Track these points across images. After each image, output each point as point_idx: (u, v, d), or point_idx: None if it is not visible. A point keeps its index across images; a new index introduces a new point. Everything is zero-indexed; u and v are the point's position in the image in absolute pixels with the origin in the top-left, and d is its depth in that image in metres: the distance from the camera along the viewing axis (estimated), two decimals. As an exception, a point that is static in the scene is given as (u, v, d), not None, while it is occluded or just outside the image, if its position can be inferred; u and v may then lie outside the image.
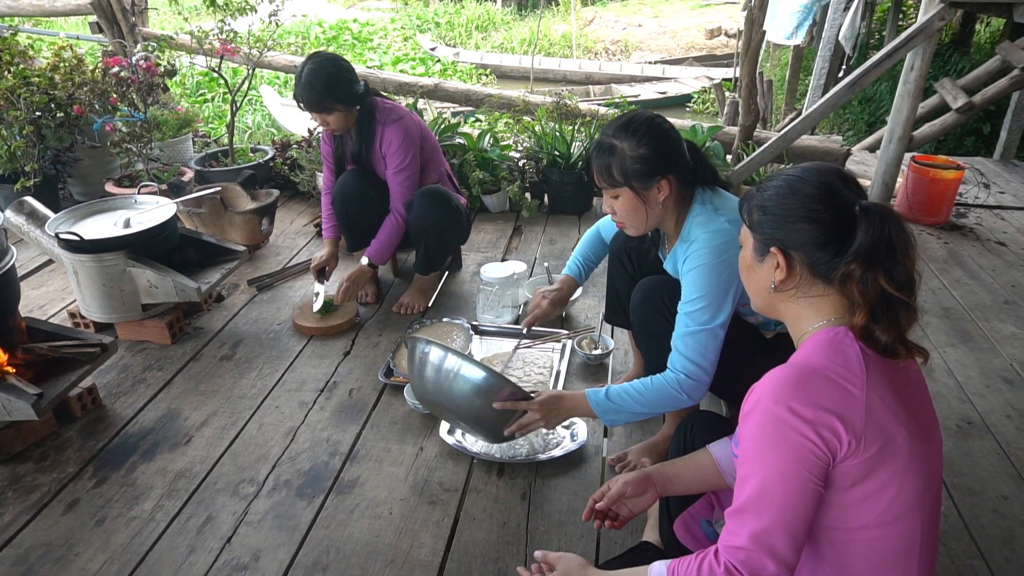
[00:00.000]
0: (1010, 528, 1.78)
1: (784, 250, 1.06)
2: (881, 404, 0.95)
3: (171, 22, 10.96)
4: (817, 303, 1.06)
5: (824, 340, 1.02)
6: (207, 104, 7.75)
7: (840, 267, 1.00)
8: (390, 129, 2.59)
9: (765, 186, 1.11)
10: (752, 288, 1.17)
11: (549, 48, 14.44)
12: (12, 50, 3.54)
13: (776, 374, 1.00)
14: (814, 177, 1.06)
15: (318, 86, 2.41)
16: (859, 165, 4.77)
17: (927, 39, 3.22)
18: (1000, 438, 2.11)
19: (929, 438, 1.02)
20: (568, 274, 2.16)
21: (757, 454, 0.98)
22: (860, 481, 0.96)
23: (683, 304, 1.59)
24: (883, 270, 0.98)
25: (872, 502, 0.97)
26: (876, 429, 0.94)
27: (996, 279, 3.15)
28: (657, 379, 1.59)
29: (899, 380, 1.01)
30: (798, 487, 0.95)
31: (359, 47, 12.93)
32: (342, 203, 2.72)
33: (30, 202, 2.63)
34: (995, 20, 8.07)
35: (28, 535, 1.74)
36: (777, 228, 1.07)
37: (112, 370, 2.42)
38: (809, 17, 6.34)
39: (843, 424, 0.93)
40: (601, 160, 1.60)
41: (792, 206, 1.05)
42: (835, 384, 0.96)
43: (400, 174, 2.61)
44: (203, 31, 3.75)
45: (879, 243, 0.98)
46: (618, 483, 1.32)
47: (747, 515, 0.97)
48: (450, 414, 1.75)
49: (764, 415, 0.97)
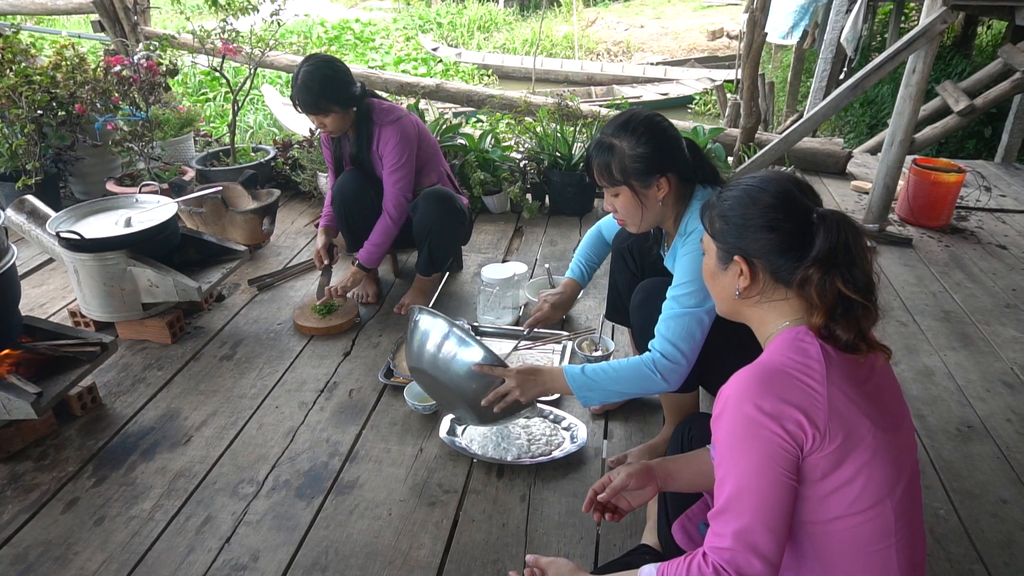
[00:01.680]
0: (1009, 532, 1.77)
1: (747, 258, 1.10)
2: (843, 397, 0.99)
3: (173, 21, 10.98)
4: (779, 306, 1.10)
5: (785, 340, 1.06)
6: (209, 103, 7.75)
7: (799, 271, 1.05)
8: (387, 129, 2.58)
9: (725, 195, 1.15)
10: (717, 294, 1.21)
11: (551, 49, 14.45)
12: (14, 48, 3.54)
13: (741, 375, 1.04)
14: (771, 187, 1.10)
15: (314, 88, 2.41)
16: (860, 167, 4.77)
17: (929, 42, 3.22)
18: (1000, 442, 2.11)
19: (897, 427, 1.05)
20: (571, 277, 2.17)
21: (730, 455, 1.02)
22: (829, 473, 0.99)
23: (672, 288, 1.61)
24: (840, 273, 1.02)
25: (842, 492, 1.00)
26: (839, 421, 0.98)
27: (997, 282, 3.15)
28: (634, 359, 1.60)
29: (861, 374, 1.05)
30: (771, 482, 0.98)
31: (361, 47, 12.94)
32: (341, 203, 2.72)
33: (31, 201, 2.63)
34: (997, 23, 8.07)
35: (27, 534, 1.74)
36: (739, 237, 1.10)
37: (112, 369, 2.42)
38: (805, 17, 6.34)
39: (806, 417, 0.97)
40: (601, 159, 1.61)
41: (752, 215, 1.09)
42: (796, 380, 1.00)
43: (395, 174, 2.60)
44: (205, 30, 3.76)
45: (836, 248, 1.02)
46: (621, 475, 1.32)
47: (728, 515, 1.00)
48: (435, 384, 1.77)
49: (732, 415, 1.02)
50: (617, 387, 1.59)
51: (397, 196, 2.62)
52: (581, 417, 2.14)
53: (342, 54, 11.86)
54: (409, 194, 2.66)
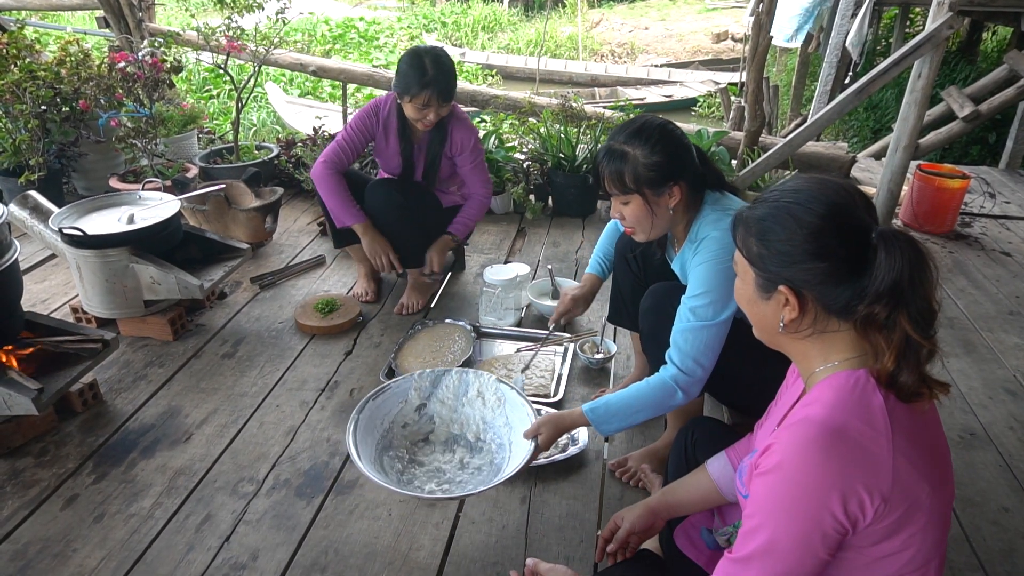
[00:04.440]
0: (1011, 541, 1.77)
1: (795, 289, 0.96)
2: (907, 464, 0.89)
3: (178, 18, 10.99)
4: (828, 340, 0.98)
5: (845, 387, 0.93)
6: (212, 100, 7.75)
7: (860, 308, 0.92)
8: (463, 131, 2.66)
9: (761, 213, 0.99)
10: (756, 322, 1.07)
11: (555, 50, 14.45)
12: (19, 44, 3.54)
13: (800, 435, 0.91)
14: (818, 204, 0.94)
15: (452, 76, 2.47)
16: (864, 172, 4.76)
17: (935, 47, 3.21)
18: (1003, 450, 2.10)
19: (946, 481, 0.97)
20: (591, 272, 2.18)
21: (774, 514, 0.92)
22: (881, 541, 0.92)
23: (687, 298, 1.59)
24: (907, 311, 0.89)
25: (892, 559, 0.93)
26: (902, 493, 0.89)
27: (1000, 289, 3.14)
28: (652, 380, 1.59)
29: (920, 427, 0.94)
30: (809, 555, 0.91)
31: (365, 46, 12.92)
32: (384, 213, 2.66)
33: (34, 196, 2.63)
34: (1002, 29, 8.06)
35: (26, 530, 1.74)
36: (783, 265, 0.96)
37: (113, 366, 2.42)
38: (810, 21, 6.33)
39: (870, 495, 0.88)
40: (613, 167, 1.59)
41: (797, 241, 0.94)
42: (862, 448, 0.88)
43: (479, 166, 2.74)
44: (210, 27, 3.75)
45: (901, 281, 0.88)
46: (625, 525, 1.32)
47: (751, 567, 0.94)
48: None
49: (788, 480, 0.91)
50: (638, 414, 1.58)
51: (484, 178, 2.77)
52: (582, 420, 2.14)
53: (346, 53, 11.86)
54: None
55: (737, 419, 2.01)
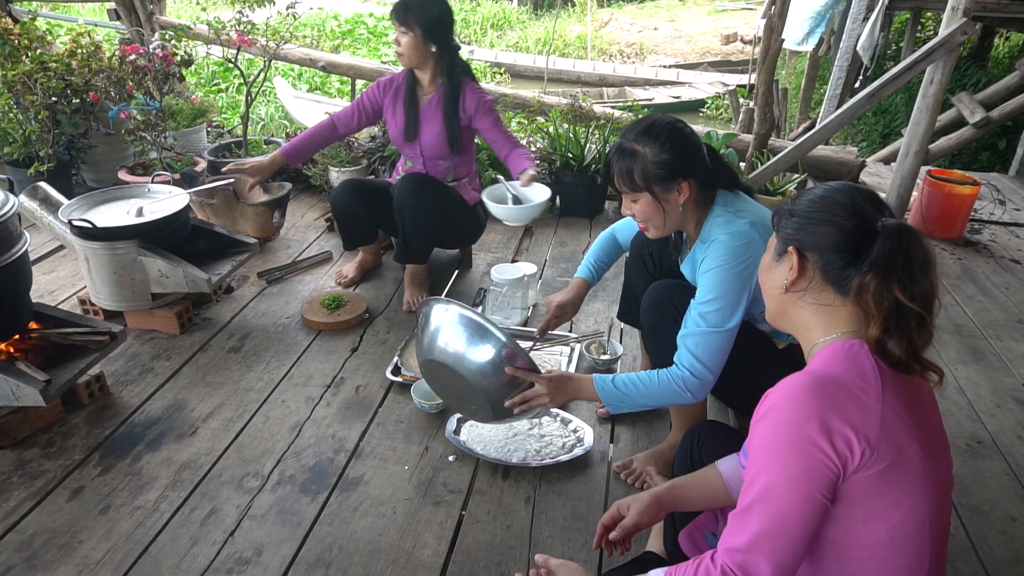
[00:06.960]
0: (1018, 550, 1.76)
1: (800, 250, 1.08)
2: (895, 418, 0.95)
3: (188, 11, 11.00)
4: (828, 313, 1.06)
5: (839, 351, 1.02)
6: (222, 94, 7.76)
7: (855, 277, 1.01)
8: (473, 93, 2.69)
9: (802, 196, 1.13)
10: (767, 291, 1.18)
11: (564, 49, 14.41)
12: (31, 35, 3.55)
13: (791, 381, 1.00)
14: (849, 191, 1.08)
15: (423, 5, 2.51)
16: (874, 177, 4.74)
17: (948, 53, 3.20)
18: (1010, 459, 2.09)
19: (940, 454, 1.02)
20: (580, 276, 2.16)
21: (767, 458, 0.98)
22: (871, 496, 0.95)
23: (697, 303, 1.59)
24: (898, 281, 0.98)
25: (882, 519, 0.96)
26: (889, 442, 0.94)
27: (1010, 297, 3.12)
28: (663, 374, 1.60)
29: (912, 396, 1.01)
30: (804, 497, 0.94)
31: (374, 41, 12.91)
32: (399, 209, 2.65)
33: (44, 187, 2.64)
34: (1015, 35, 8.01)
35: (32, 521, 1.75)
36: (799, 229, 1.09)
37: (120, 358, 2.42)
38: (822, 24, 6.32)
39: (856, 435, 0.93)
40: (622, 164, 1.60)
41: (818, 210, 1.07)
42: (851, 394, 0.96)
43: (499, 123, 2.73)
44: (220, 21, 3.75)
45: (895, 254, 0.99)
46: (631, 513, 1.29)
47: (751, 516, 0.97)
48: (450, 377, 1.69)
49: (778, 421, 0.98)
50: (646, 401, 1.62)
51: (510, 134, 2.75)
52: (588, 421, 2.14)
53: (355, 48, 11.85)
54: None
55: (743, 422, 2.01)
